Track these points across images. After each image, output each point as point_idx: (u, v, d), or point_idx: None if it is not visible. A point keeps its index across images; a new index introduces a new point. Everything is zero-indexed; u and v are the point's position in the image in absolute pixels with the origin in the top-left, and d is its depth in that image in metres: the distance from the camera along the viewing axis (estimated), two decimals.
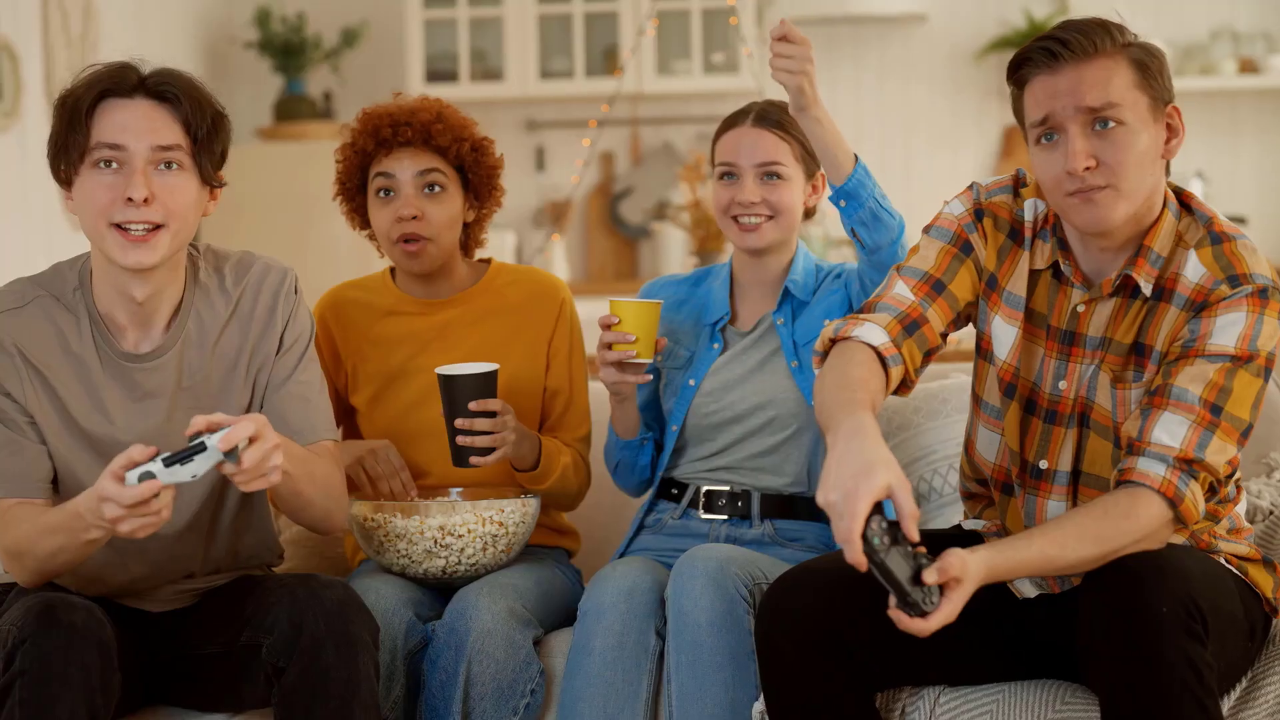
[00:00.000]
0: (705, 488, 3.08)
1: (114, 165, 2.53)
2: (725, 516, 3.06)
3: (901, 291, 2.59)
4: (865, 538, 2.19)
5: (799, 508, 3.07)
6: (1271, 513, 3.04)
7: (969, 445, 2.74)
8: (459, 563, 2.92)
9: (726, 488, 3.07)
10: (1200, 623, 2.32)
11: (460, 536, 2.90)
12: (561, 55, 7.25)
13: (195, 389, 2.68)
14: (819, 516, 3.06)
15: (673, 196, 7.12)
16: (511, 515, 2.93)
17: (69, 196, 2.59)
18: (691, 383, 3.09)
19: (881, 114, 7.36)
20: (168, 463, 2.36)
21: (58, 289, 2.65)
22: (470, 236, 3.18)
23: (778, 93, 6.51)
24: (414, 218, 3.03)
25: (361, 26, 7.19)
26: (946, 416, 3.32)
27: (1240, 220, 7.23)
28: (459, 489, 3.06)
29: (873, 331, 2.54)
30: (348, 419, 3.19)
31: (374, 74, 7.29)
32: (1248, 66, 7.16)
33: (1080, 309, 2.56)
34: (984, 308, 2.65)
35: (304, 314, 2.77)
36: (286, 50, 7.06)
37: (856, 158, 2.88)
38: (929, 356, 2.61)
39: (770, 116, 3.07)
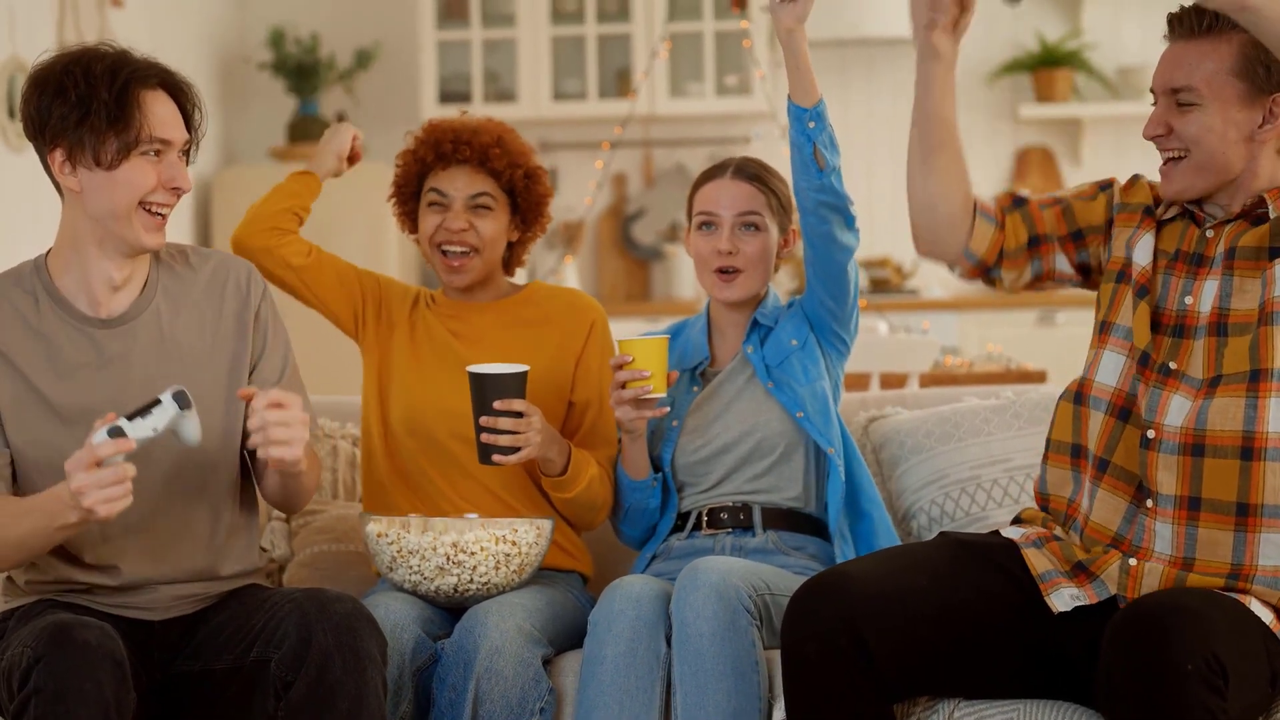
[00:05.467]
0: (708, 506, 3.12)
1: (157, 155, 2.69)
2: (729, 529, 3.10)
3: (1023, 192, 2.82)
4: None
5: (800, 522, 3.11)
6: None
7: (1084, 390, 2.72)
8: (471, 581, 2.92)
9: (728, 503, 3.10)
10: (1222, 677, 2.38)
11: (473, 554, 2.91)
12: (574, 77, 7.27)
13: (172, 353, 2.75)
14: (820, 531, 3.12)
15: (685, 218, 7.13)
16: (525, 535, 2.94)
17: (70, 168, 2.69)
18: (675, 423, 3.14)
19: (894, 136, 7.35)
20: (129, 418, 2.51)
21: (15, 274, 2.79)
22: (513, 255, 3.26)
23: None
24: (461, 229, 3.13)
25: (375, 48, 7.21)
26: (959, 440, 3.32)
27: None
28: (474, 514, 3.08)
29: (983, 197, 2.79)
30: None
31: (387, 95, 7.30)
32: None
33: (1210, 234, 2.67)
34: (1134, 230, 2.73)
35: (276, 309, 2.89)
36: (300, 71, 7.08)
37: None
38: (1035, 249, 2.76)
39: (749, 170, 3.17)
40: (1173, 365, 2.63)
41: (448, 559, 2.91)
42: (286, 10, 7.33)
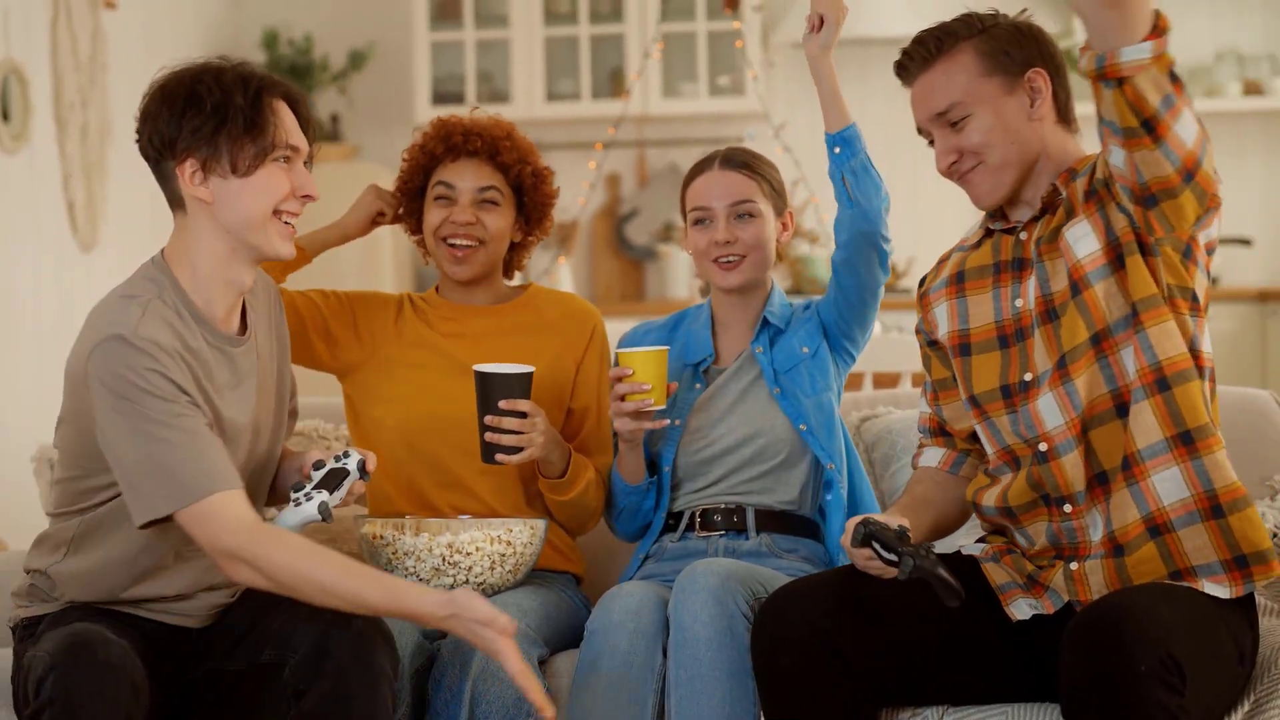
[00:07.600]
0: (701, 507, 3.12)
1: (287, 161, 2.67)
2: (721, 531, 3.09)
3: (923, 408, 2.91)
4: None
5: (793, 523, 3.10)
6: (1275, 535, 3.05)
7: (986, 464, 2.78)
8: (466, 582, 2.93)
9: (721, 504, 3.10)
10: (1178, 674, 2.38)
11: (468, 555, 2.92)
12: (568, 77, 7.28)
13: (265, 371, 2.75)
14: (814, 534, 3.11)
15: (679, 218, 7.14)
16: (519, 536, 2.95)
17: (203, 177, 2.63)
18: (676, 422, 3.13)
19: (888, 135, 7.36)
20: (330, 492, 2.70)
21: (155, 288, 2.67)
22: (514, 257, 3.26)
23: (782, 113, 6.48)
24: (468, 223, 3.12)
25: (369, 48, 7.23)
26: None
27: (1245, 242, 7.24)
28: (467, 515, 3.09)
29: (931, 455, 2.88)
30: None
31: (381, 96, 7.32)
32: (1252, 88, 7.18)
33: (1024, 236, 2.70)
34: (932, 317, 2.82)
35: None
36: (294, 72, 7.09)
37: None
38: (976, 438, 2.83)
39: (736, 159, 3.16)
40: (1027, 377, 2.66)
41: (443, 560, 2.92)
42: (280, 11, 7.35)
